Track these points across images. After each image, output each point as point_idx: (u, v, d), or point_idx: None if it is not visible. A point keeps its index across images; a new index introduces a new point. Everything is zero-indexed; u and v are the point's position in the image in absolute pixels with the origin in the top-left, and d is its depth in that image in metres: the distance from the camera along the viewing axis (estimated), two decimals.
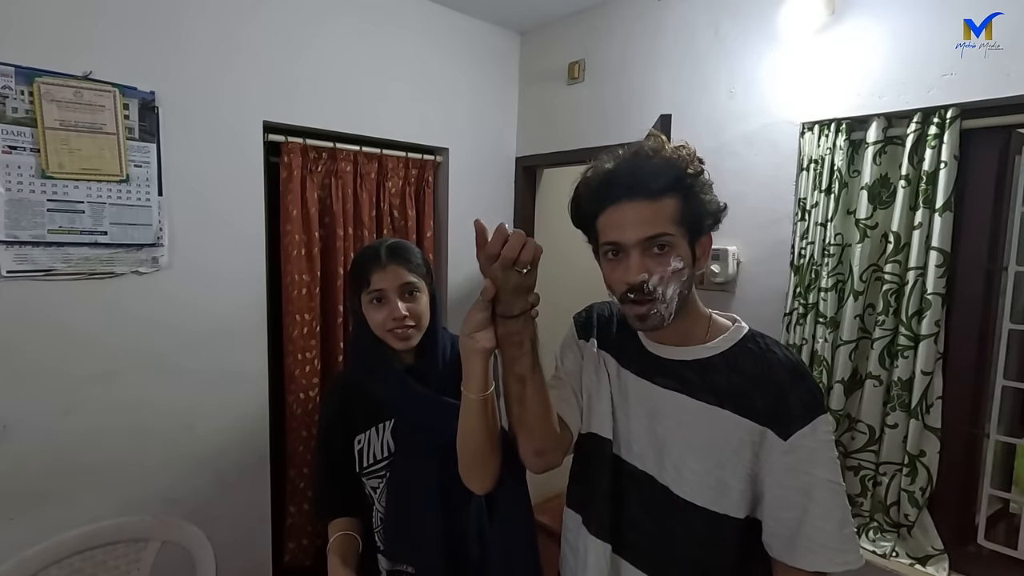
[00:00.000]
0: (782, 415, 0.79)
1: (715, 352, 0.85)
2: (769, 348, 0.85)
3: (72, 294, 1.60)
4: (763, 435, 0.80)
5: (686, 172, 0.82)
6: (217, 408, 1.89)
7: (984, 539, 1.57)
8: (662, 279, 0.80)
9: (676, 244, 0.81)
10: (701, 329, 0.88)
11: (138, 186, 1.68)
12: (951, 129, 1.48)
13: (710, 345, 0.86)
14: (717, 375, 0.84)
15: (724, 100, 1.95)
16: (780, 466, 0.79)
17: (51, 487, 1.59)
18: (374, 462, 1.15)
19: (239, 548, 1.95)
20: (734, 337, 0.87)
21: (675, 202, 0.81)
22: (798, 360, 0.85)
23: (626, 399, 0.91)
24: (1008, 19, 1.39)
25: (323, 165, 2.17)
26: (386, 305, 1.10)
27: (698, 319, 0.89)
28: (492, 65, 2.59)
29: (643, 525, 0.88)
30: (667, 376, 0.87)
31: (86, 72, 1.57)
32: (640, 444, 0.88)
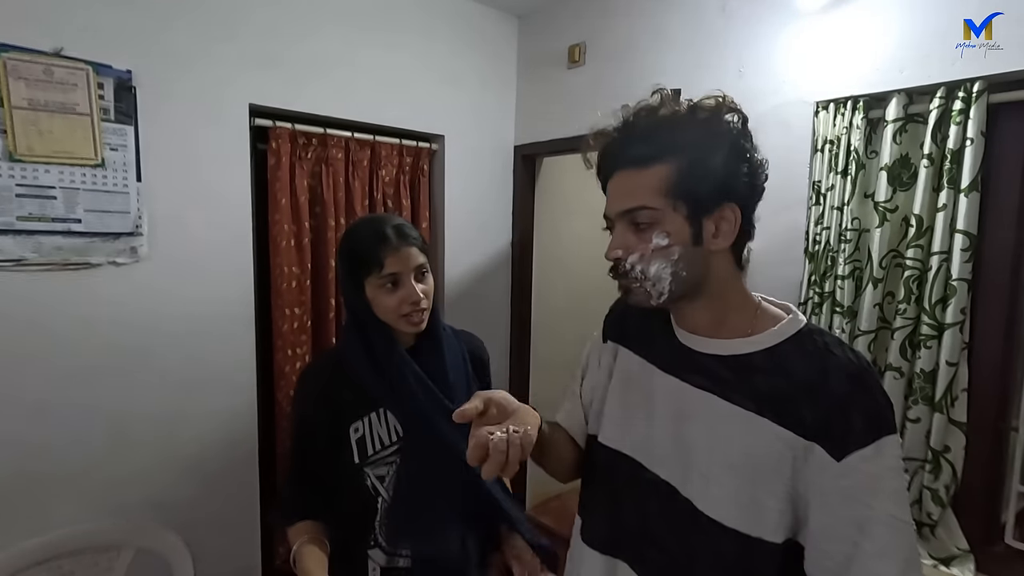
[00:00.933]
0: (837, 430, 0.64)
1: (759, 348, 0.71)
2: (828, 348, 0.69)
3: (44, 286, 1.51)
4: (809, 451, 0.66)
5: (687, 132, 0.70)
6: (202, 406, 1.80)
7: (1012, 538, 1.48)
8: (642, 257, 0.71)
9: (661, 219, 0.70)
10: (745, 319, 0.74)
11: (114, 171, 1.59)
12: (978, 103, 1.39)
13: (753, 339, 0.72)
14: (758, 376, 0.70)
15: (733, 80, 1.86)
16: (831, 490, 0.65)
17: (23, 493, 1.49)
18: (381, 448, 1.06)
19: (227, 553, 1.85)
20: (786, 331, 0.72)
21: (665, 170, 0.69)
22: (865, 365, 0.68)
23: (650, 397, 0.78)
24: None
25: (313, 152, 2.07)
26: (401, 288, 1.04)
27: (740, 306, 0.75)
28: (489, 50, 2.50)
29: (663, 541, 0.75)
30: (698, 373, 0.74)
31: (57, 48, 1.48)
32: (663, 449, 0.75)
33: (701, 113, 0.72)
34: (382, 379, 1.05)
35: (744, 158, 0.72)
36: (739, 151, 0.71)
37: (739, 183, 0.71)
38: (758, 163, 0.73)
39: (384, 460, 1.07)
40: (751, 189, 0.73)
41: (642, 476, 0.77)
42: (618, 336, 0.87)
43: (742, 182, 0.71)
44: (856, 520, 0.63)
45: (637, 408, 0.79)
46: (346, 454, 1.06)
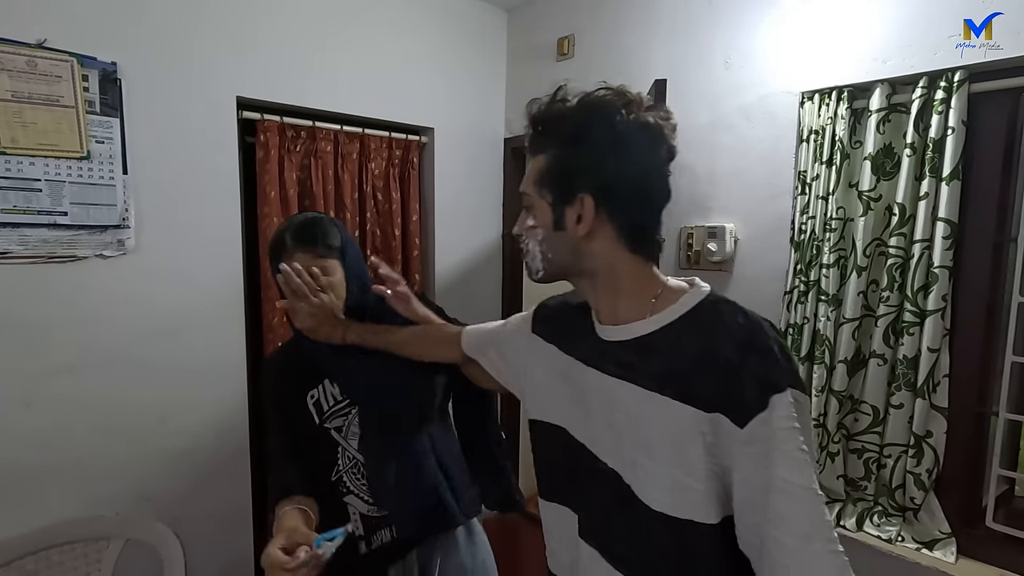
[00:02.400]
0: (734, 397, 0.64)
1: (656, 327, 0.71)
2: (721, 316, 0.69)
3: (30, 279, 1.50)
4: (715, 423, 0.64)
5: (560, 126, 0.74)
6: (192, 400, 1.79)
7: (993, 521, 1.51)
8: (522, 234, 0.79)
9: (532, 204, 0.77)
10: (641, 301, 0.74)
11: (100, 163, 1.58)
12: (959, 93, 1.41)
13: (652, 319, 0.72)
14: (656, 355, 0.70)
15: (720, 71, 1.87)
16: (743, 459, 0.63)
17: (12, 487, 1.48)
18: (334, 403, 1.16)
19: (219, 547, 1.85)
20: (683, 307, 0.71)
21: (541, 160, 0.75)
22: (756, 327, 0.67)
23: (584, 392, 0.79)
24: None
25: (302, 145, 2.07)
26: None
27: (635, 290, 0.75)
28: (478, 43, 2.49)
29: (624, 532, 0.74)
30: (611, 362, 0.75)
31: (40, 40, 1.46)
32: (604, 440, 0.76)
33: (579, 108, 0.74)
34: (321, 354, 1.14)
35: (614, 153, 0.71)
36: (608, 146, 0.71)
37: (601, 177, 0.72)
38: (641, 161, 0.72)
39: (338, 412, 1.15)
40: (620, 183, 0.72)
41: (596, 467, 0.77)
42: (547, 334, 0.88)
43: (604, 176, 0.72)
44: (763, 487, 0.62)
45: (577, 402, 0.80)
46: (309, 420, 1.14)
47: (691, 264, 1.97)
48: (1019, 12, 1.33)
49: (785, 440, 0.62)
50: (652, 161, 0.73)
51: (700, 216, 1.94)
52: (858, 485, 1.69)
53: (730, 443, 0.64)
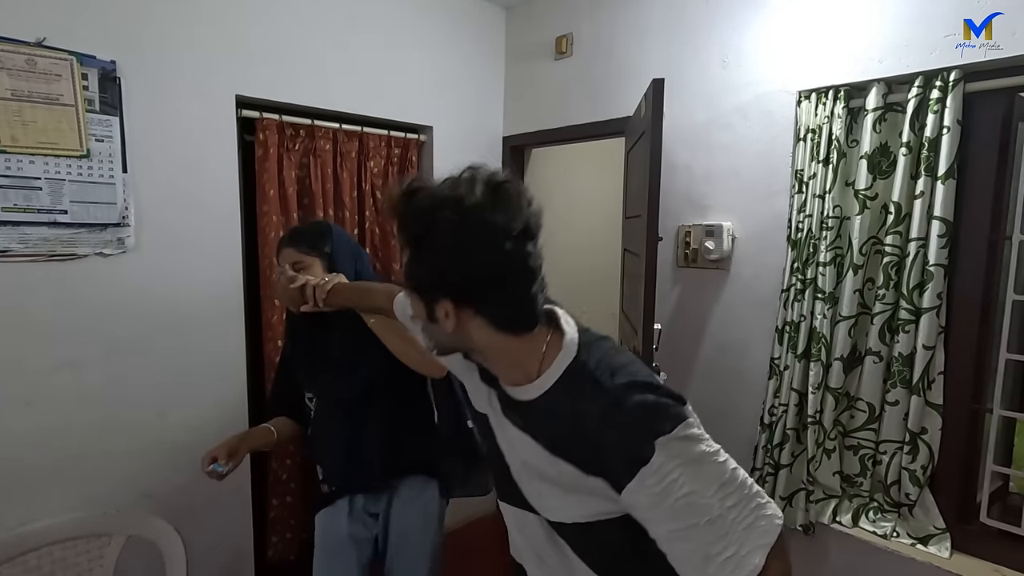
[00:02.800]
0: (605, 468, 0.70)
1: (538, 393, 0.75)
2: (583, 388, 0.72)
3: (31, 277, 1.50)
4: (600, 481, 0.71)
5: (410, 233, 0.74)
6: (192, 397, 1.80)
7: (987, 517, 1.53)
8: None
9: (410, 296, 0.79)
10: (525, 369, 0.77)
11: (100, 162, 1.58)
12: (954, 92, 1.42)
13: (535, 384, 0.76)
14: (542, 419, 0.75)
15: (717, 70, 1.88)
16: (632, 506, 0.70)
17: (14, 483, 1.49)
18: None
19: (219, 543, 1.86)
20: (555, 373, 0.75)
21: (407, 258, 0.76)
22: (613, 398, 0.69)
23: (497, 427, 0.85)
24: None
25: (300, 143, 2.07)
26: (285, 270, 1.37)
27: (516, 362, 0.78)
28: (477, 41, 2.50)
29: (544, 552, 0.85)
30: (515, 413, 0.80)
31: (39, 38, 1.47)
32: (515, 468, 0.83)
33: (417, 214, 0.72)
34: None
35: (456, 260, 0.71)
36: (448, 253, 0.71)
37: (449, 283, 0.72)
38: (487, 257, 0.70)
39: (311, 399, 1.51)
40: (470, 284, 0.72)
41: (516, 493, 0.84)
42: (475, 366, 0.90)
43: (452, 282, 0.72)
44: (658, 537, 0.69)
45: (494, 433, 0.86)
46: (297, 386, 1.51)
47: (689, 262, 1.98)
48: (1015, 12, 1.34)
49: (661, 501, 0.66)
50: (499, 252, 0.70)
51: (697, 214, 1.95)
52: (854, 481, 1.70)
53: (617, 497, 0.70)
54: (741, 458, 1.93)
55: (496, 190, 0.71)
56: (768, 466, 1.78)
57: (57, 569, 1.15)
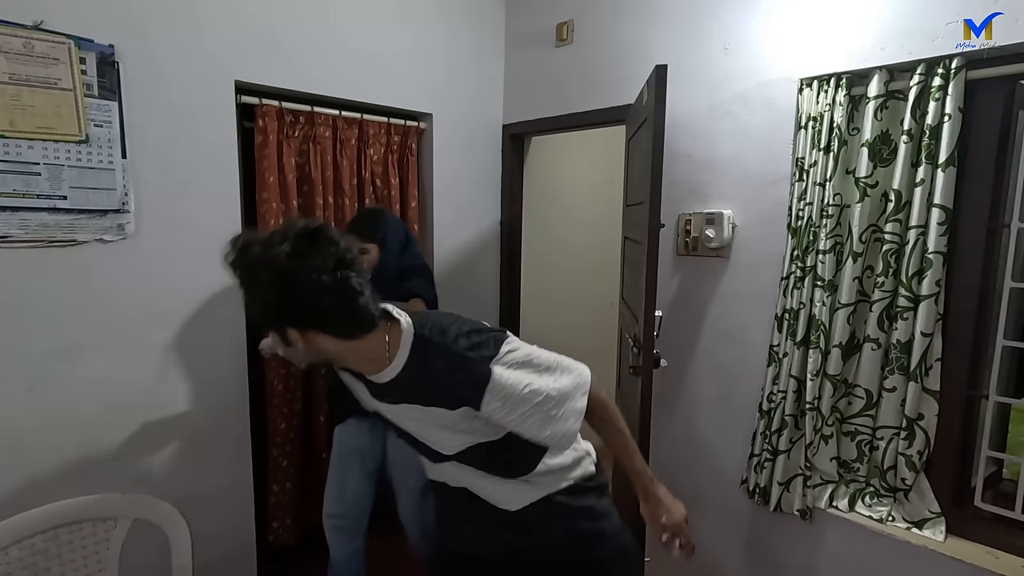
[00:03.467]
0: (464, 400, 0.95)
1: (397, 371, 0.97)
2: (426, 352, 0.96)
3: (31, 263, 1.50)
4: (464, 411, 0.97)
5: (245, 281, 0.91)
6: (193, 385, 1.80)
7: (981, 501, 1.55)
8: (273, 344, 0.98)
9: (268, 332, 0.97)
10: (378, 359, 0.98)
11: (99, 147, 1.57)
12: (956, 80, 1.42)
13: (392, 366, 0.98)
14: (410, 387, 0.98)
15: (719, 58, 1.88)
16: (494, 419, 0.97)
17: (14, 470, 1.50)
18: None
19: (221, 529, 1.88)
20: (404, 351, 0.97)
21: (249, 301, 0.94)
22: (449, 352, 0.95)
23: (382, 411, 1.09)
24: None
25: (300, 130, 2.06)
26: None
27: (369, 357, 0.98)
28: (477, 28, 2.48)
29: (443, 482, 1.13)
30: (386, 394, 1.03)
31: (36, 21, 1.45)
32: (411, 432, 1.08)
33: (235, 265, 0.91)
34: None
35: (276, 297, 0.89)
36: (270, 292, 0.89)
37: (280, 315, 0.91)
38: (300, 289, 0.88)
39: None
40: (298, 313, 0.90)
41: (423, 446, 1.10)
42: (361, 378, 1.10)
43: (282, 313, 0.91)
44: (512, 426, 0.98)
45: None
46: None
47: (689, 250, 1.99)
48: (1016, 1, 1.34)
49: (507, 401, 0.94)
50: (319, 285, 0.87)
51: (698, 202, 1.95)
52: (851, 467, 1.72)
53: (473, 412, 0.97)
54: (740, 444, 1.95)
55: (310, 237, 0.88)
56: (766, 452, 1.80)
57: (64, 551, 1.16)
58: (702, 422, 2.02)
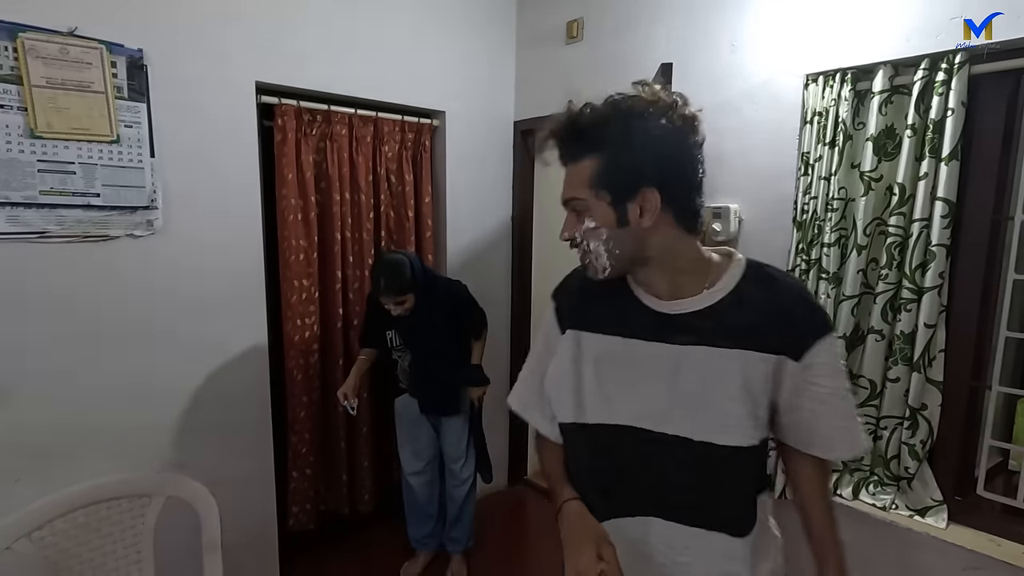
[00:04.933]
0: (794, 340, 0.82)
1: (723, 294, 0.83)
2: (771, 276, 0.86)
3: (67, 257, 1.59)
4: (780, 364, 0.82)
5: (606, 130, 0.79)
6: (218, 374, 1.89)
7: (983, 490, 1.58)
8: (583, 237, 0.84)
9: (588, 207, 0.82)
10: (701, 276, 0.85)
11: (129, 147, 1.65)
12: (959, 75, 1.44)
13: (715, 289, 0.84)
14: (730, 317, 0.82)
15: (726, 54, 1.91)
16: (794, 382, 0.83)
17: (54, 450, 1.60)
18: (397, 346, 2.10)
19: (243, 513, 1.96)
20: (736, 274, 0.85)
21: (592, 163, 0.81)
22: (800, 284, 0.91)
23: (637, 368, 0.86)
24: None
25: (318, 128, 2.13)
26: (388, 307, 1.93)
27: (692, 268, 0.85)
28: (488, 26, 2.53)
29: (686, 485, 0.85)
30: (682, 331, 0.84)
31: (71, 28, 1.53)
32: (661, 410, 0.84)
33: (621, 110, 0.80)
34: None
35: (664, 147, 0.79)
36: (657, 139, 0.79)
37: (657, 171, 0.79)
38: (686, 151, 0.81)
39: (399, 349, 2.11)
40: (676, 173, 0.81)
41: (648, 437, 0.84)
42: (578, 324, 0.92)
43: (662, 169, 0.79)
44: (816, 396, 0.84)
45: (625, 382, 0.86)
46: (385, 342, 2.11)
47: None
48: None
49: (836, 362, 0.85)
50: (692, 145, 0.81)
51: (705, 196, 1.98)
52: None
53: (786, 375, 0.83)
54: None
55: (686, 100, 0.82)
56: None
57: (103, 525, 1.24)
58: None
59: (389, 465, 2.52)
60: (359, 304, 2.29)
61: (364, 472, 2.38)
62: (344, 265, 2.25)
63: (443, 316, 2.01)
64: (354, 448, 2.37)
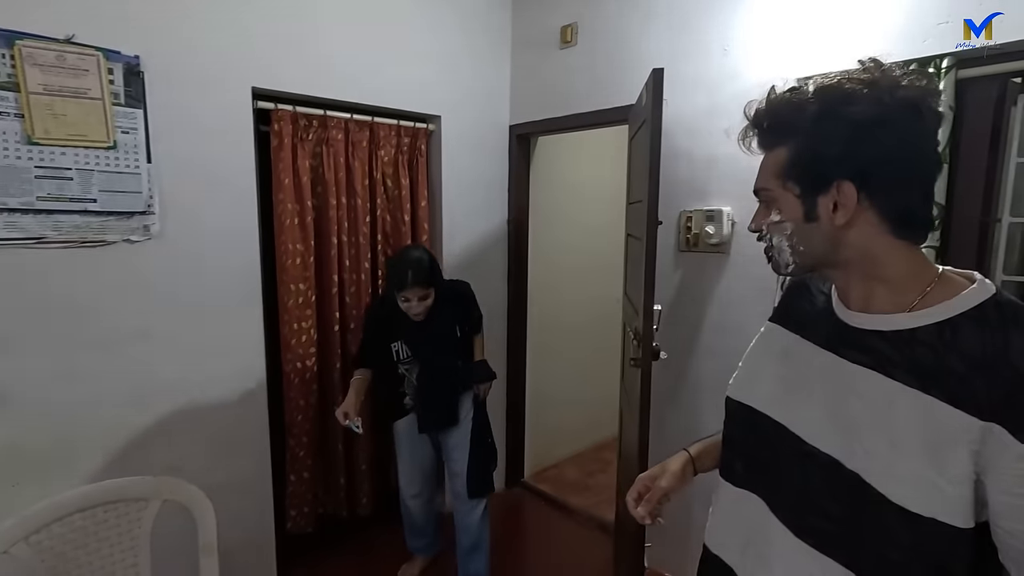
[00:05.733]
0: (1019, 411, 0.60)
1: (927, 322, 0.67)
2: (1015, 321, 0.64)
3: (65, 262, 1.60)
4: (986, 431, 0.61)
5: (800, 116, 0.70)
6: (214, 377, 1.90)
7: None
8: (768, 229, 0.78)
9: (776, 198, 0.75)
10: (908, 293, 0.70)
11: (126, 153, 1.66)
12: (947, 79, 1.46)
13: (920, 313, 0.68)
14: (923, 351, 0.66)
15: (718, 58, 1.93)
16: (1012, 472, 0.61)
17: (52, 454, 1.60)
18: (405, 358, 2.02)
19: (241, 517, 1.97)
20: (964, 304, 0.66)
21: (782, 153, 0.73)
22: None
23: (807, 374, 0.78)
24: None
25: (314, 133, 2.15)
26: (409, 303, 1.89)
27: (898, 279, 0.71)
28: (483, 31, 2.55)
29: (828, 510, 0.73)
30: (856, 349, 0.72)
31: (68, 35, 1.54)
32: (821, 424, 0.74)
33: (821, 93, 0.70)
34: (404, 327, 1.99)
35: (869, 135, 0.67)
36: (861, 129, 0.67)
37: (858, 162, 0.68)
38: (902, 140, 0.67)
39: (406, 362, 2.03)
40: (883, 166, 0.68)
41: (801, 449, 0.76)
42: (779, 317, 0.90)
43: (863, 161, 0.68)
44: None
45: (794, 384, 0.80)
46: (389, 355, 2.01)
47: (690, 247, 2.04)
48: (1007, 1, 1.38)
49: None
50: (915, 133, 0.67)
51: (698, 200, 2.00)
52: None
53: (999, 453, 0.61)
54: None
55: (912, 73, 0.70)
56: None
57: (100, 528, 1.25)
58: (705, 414, 2.08)
59: (387, 468, 2.53)
60: (356, 308, 2.30)
61: (362, 475, 2.39)
62: (341, 269, 2.26)
63: (452, 316, 2.01)
64: (352, 451, 2.38)
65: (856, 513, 0.70)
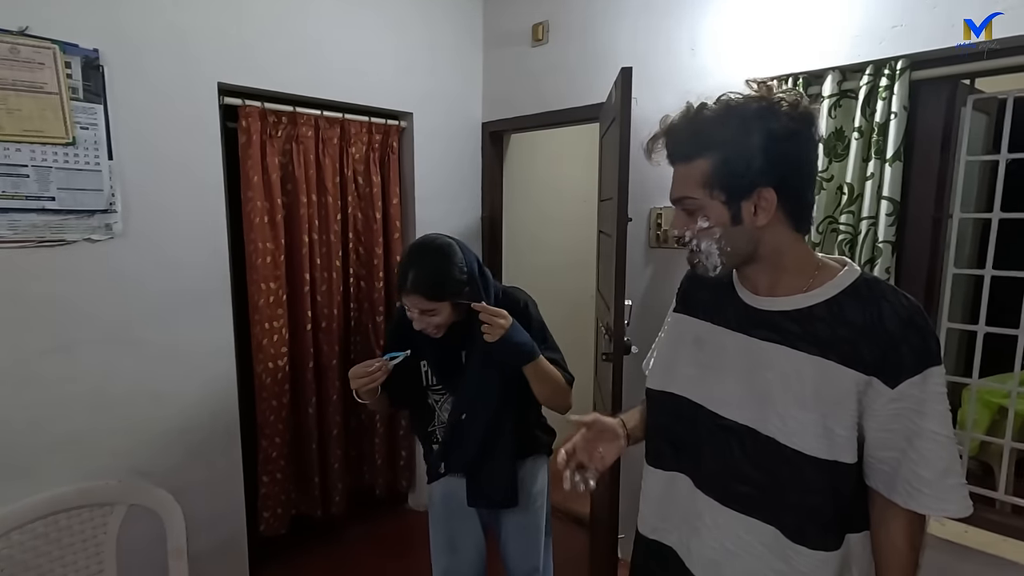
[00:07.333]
0: (891, 365, 0.76)
1: (818, 300, 0.81)
2: (883, 295, 0.79)
3: (21, 263, 1.54)
4: (869, 384, 0.77)
5: (720, 130, 0.79)
6: (183, 379, 1.86)
7: None
8: (693, 236, 0.84)
9: (702, 205, 0.82)
10: (802, 278, 0.84)
11: (86, 149, 1.61)
12: (901, 80, 1.52)
13: (812, 293, 0.82)
14: (820, 324, 0.80)
15: (686, 58, 1.96)
16: (885, 412, 0.77)
17: (10, 460, 1.55)
18: (436, 383, 1.47)
19: (213, 519, 1.94)
20: (841, 284, 0.81)
21: (704, 164, 0.80)
22: (914, 307, 0.78)
23: (720, 355, 0.89)
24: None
25: (283, 130, 2.11)
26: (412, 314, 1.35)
27: (797, 268, 0.84)
28: (455, 28, 2.54)
29: (749, 476, 0.85)
30: (765, 328, 0.84)
31: (21, 27, 1.49)
32: (738, 398, 0.86)
33: (735, 111, 0.79)
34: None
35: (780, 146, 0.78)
36: (774, 139, 0.77)
37: (773, 169, 0.78)
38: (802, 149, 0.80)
39: (438, 391, 1.48)
40: (792, 172, 0.80)
41: (720, 423, 0.87)
42: (684, 308, 1.00)
43: (777, 168, 0.79)
44: (904, 433, 0.77)
45: (709, 366, 0.90)
46: (418, 376, 1.47)
47: (660, 243, 2.08)
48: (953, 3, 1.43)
49: (937, 401, 0.77)
50: (813, 143, 0.81)
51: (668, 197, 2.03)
52: None
53: (875, 399, 0.77)
54: None
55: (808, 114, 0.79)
56: None
57: (63, 536, 1.22)
58: None
59: (360, 466, 2.52)
60: (327, 307, 2.28)
61: (335, 474, 2.37)
62: (312, 267, 2.23)
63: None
64: (325, 450, 2.35)
65: (774, 473, 0.82)
